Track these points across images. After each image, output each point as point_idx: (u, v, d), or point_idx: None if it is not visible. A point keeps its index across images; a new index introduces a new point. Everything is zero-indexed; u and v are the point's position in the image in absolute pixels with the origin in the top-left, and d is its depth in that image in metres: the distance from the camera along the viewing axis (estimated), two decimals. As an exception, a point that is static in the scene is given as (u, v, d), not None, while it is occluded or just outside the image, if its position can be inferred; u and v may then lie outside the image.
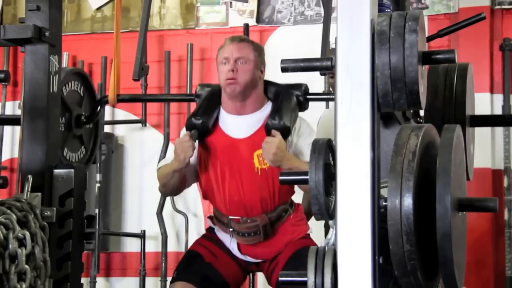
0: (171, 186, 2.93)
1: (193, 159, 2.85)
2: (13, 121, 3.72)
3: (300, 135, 2.88)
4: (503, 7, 4.63)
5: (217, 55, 2.92)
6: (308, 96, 2.96)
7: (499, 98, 4.55)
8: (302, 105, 2.95)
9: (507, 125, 4.17)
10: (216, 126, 2.90)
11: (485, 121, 2.72)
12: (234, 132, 2.87)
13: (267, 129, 2.79)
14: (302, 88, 2.95)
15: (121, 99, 3.22)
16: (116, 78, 3.12)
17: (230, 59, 2.84)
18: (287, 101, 2.88)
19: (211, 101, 2.95)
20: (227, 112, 2.91)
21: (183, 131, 2.95)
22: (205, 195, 2.96)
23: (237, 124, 2.88)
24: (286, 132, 2.79)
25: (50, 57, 2.50)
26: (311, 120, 3.03)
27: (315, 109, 4.61)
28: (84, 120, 3.06)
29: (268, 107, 2.90)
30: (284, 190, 2.86)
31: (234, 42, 2.89)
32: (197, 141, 2.86)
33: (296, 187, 2.94)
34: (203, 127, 2.87)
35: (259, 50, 2.93)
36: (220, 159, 2.85)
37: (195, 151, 2.83)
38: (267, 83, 2.97)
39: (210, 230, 3.02)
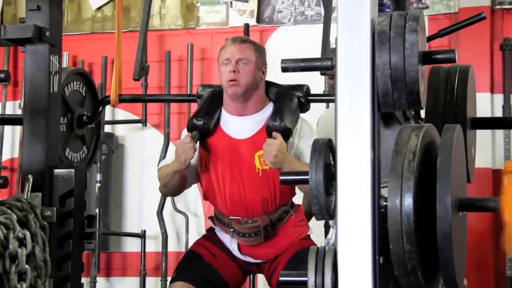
0: (172, 187, 2.93)
1: (194, 160, 2.85)
2: (14, 121, 3.72)
3: (301, 137, 2.88)
4: (503, 7, 4.63)
5: (219, 56, 2.92)
6: (309, 97, 2.96)
7: (499, 98, 4.55)
8: (304, 106, 2.95)
9: (508, 128, 4.17)
10: (217, 127, 2.89)
11: (486, 124, 2.71)
12: (236, 133, 2.87)
13: (268, 130, 2.79)
14: (303, 89, 2.95)
15: (123, 99, 3.22)
16: (117, 78, 3.12)
17: (232, 60, 2.84)
18: (288, 102, 2.88)
19: (212, 102, 2.95)
20: (229, 113, 2.91)
21: (185, 131, 2.95)
22: (206, 196, 2.96)
23: (238, 125, 2.88)
24: (287, 134, 2.79)
25: (51, 57, 2.50)
26: (311, 120, 3.03)
27: (315, 108, 4.61)
28: (86, 120, 3.07)
29: (269, 108, 2.90)
30: (285, 191, 2.86)
31: (235, 43, 2.89)
32: (198, 142, 2.86)
33: (297, 189, 2.94)
34: (204, 128, 2.87)
35: (260, 51, 2.93)
36: (221, 160, 2.85)
37: (196, 152, 2.83)
38: (269, 84, 2.97)
39: (210, 230, 3.02)
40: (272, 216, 2.85)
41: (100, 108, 3.17)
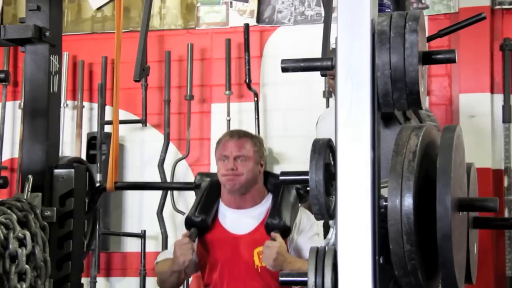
0: (170, 284, 2.91)
1: (193, 256, 2.84)
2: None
3: (301, 231, 2.87)
4: (503, 7, 4.63)
5: (216, 150, 2.92)
6: (308, 188, 2.93)
7: (499, 98, 4.55)
8: (303, 198, 2.93)
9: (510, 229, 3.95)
10: (215, 220, 2.89)
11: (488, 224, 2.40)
12: (234, 228, 2.87)
13: (267, 228, 2.77)
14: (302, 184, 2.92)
15: (119, 187, 3.21)
16: (113, 166, 3.06)
17: (230, 157, 2.84)
18: (287, 196, 2.86)
19: (210, 195, 2.94)
20: (226, 205, 2.91)
21: (182, 228, 2.92)
22: (206, 287, 2.95)
23: (236, 219, 2.88)
24: (286, 232, 2.78)
25: (51, 57, 2.50)
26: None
27: (316, 108, 4.62)
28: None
29: (268, 201, 2.89)
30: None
31: (233, 139, 2.88)
32: (196, 239, 2.86)
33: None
34: (202, 225, 2.86)
35: (258, 145, 2.92)
36: (220, 257, 2.85)
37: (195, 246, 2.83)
38: (267, 175, 2.96)
39: None
40: None
41: (97, 196, 3.13)
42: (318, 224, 3.16)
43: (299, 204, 2.93)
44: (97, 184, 2.99)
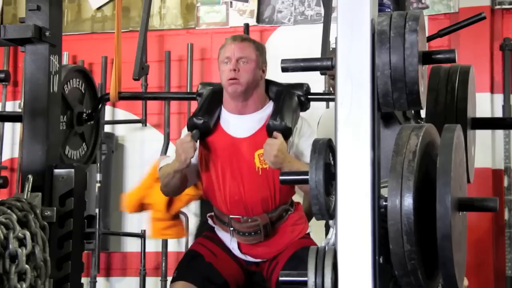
0: (173, 186, 2.93)
1: (194, 159, 2.85)
2: (14, 118, 3.72)
3: (301, 136, 2.88)
4: (503, 7, 4.63)
5: (219, 54, 2.91)
6: (309, 96, 2.96)
7: (499, 98, 4.55)
8: (304, 105, 2.95)
9: (508, 128, 4.17)
10: (217, 125, 2.90)
11: (486, 124, 2.69)
12: (236, 132, 2.87)
13: (268, 129, 2.79)
14: (303, 88, 2.95)
15: (123, 97, 3.22)
16: (117, 76, 3.12)
17: (232, 59, 2.84)
18: (288, 101, 2.88)
19: (212, 101, 2.95)
20: (229, 111, 2.91)
21: (185, 130, 2.95)
22: (206, 194, 2.96)
23: (238, 124, 2.88)
24: (287, 133, 2.79)
25: (51, 57, 2.50)
26: (311, 120, 3.03)
27: (316, 109, 4.61)
28: (86, 117, 3.06)
29: (269, 107, 2.90)
30: (285, 190, 2.86)
31: (235, 42, 2.89)
32: (198, 141, 2.86)
33: (296, 188, 2.94)
34: (204, 127, 2.87)
35: (260, 50, 2.93)
36: (221, 158, 2.85)
37: (196, 150, 2.83)
38: (269, 83, 2.97)
39: (210, 229, 3.02)
40: (272, 215, 2.85)
41: (100, 106, 3.17)
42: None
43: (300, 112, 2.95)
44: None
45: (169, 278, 2.98)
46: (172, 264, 4.46)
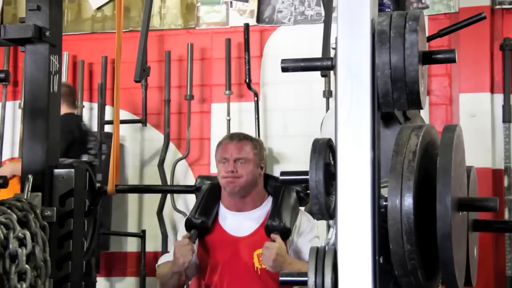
0: (171, 286, 2.91)
1: (193, 257, 2.84)
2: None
3: (301, 234, 2.86)
4: (504, 7, 4.63)
5: (216, 153, 2.92)
6: (308, 192, 2.93)
7: (499, 98, 4.56)
8: (303, 201, 2.94)
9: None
10: (215, 223, 2.89)
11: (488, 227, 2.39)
12: (234, 230, 2.87)
13: (267, 230, 2.77)
14: (302, 184, 2.93)
15: (120, 190, 3.21)
16: (114, 169, 3.07)
17: (230, 160, 2.84)
18: (287, 199, 2.86)
19: (210, 197, 2.94)
20: (227, 208, 2.90)
21: (182, 230, 2.93)
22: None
23: (236, 222, 2.88)
24: (286, 234, 2.78)
25: (51, 57, 2.50)
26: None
27: (316, 108, 4.62)
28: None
29: (268, 203, 2.89)
30: None
31: (233, 142, 2.88)
32: (197, 240, 2.86)
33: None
34: (202, 226, 2.86)
35: (258, 147, 2.92)
36: (220, 259, 2.85)
37: (195, 248, 2.83)
38: (267, 177, 2.96)
39: None
40: None
41: (98, 199, 3.13)
42: (318, 226, 3.16)
43: (299, 207, 2.93)
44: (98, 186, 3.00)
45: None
46: (172, 264, 4.46)
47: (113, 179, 3.10)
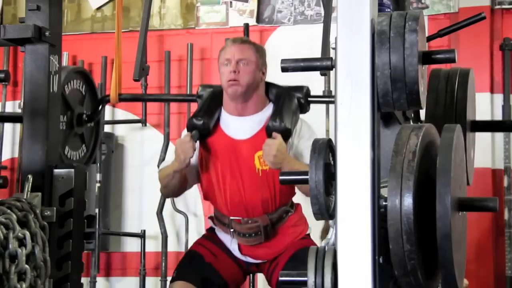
0: (172, 187, 2.93)
1: (194, 160, 2.85)
2: (14, 118, 3.73)
3: (301, 137, 2.88)
4: (503, 7, 4.63)
5: (219, 56, 2.92)
6: (309, 98, 2.96)
7: (499, 98, 4.55)
8: (303, 107, 2.95)
9: (507, 131, 4.16)
10: (217, 127, 2.89)
11: (485, 127, 2.69)
12: (235, 133, 2.87)
13: (268, 131, 2.79)
14: (303, 90, 2.95)
15: (123, 98, 3.22)
16: (117, 77, 3.12)
17: (232, 61, 2.84)
18: (288, 103, 2.88)
19: (212, 102, 2.95)
20: (228, 113, 2.91)
21: (184, 131, 2.95)
22: (206, 196, 2.96)
23: (238, 125, 2.88)
24: (286, 134, 2.79)
25: (50, 57, 2.50)
26: (311, 120, 3.03)
27: (317, 111, 4.61)
28: (86, 118, 3.07)
29: (269, 109, 2.90)
30: (285, 191, 2.86)
31: (236, 44, 2.89)
32: (198, 142, 2.86)
33: (296, 188, 2.94)
34: (204, 127, 2.87)
35: (260, 52, 2.93)
36: (221, 160, 2.85)
37: (196, 151, 2.83)
38: (269, 85, 2.97)
39: (210, 230, 3.02)
40: (272, 216, 2.85)
41: (100, 107, 3.17)
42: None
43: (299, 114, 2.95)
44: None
45: (169, 278, 2.98)
46: (172, 264, 4.46)
47: (116, 88, 3.12)
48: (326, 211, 1.61)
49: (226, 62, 2.85)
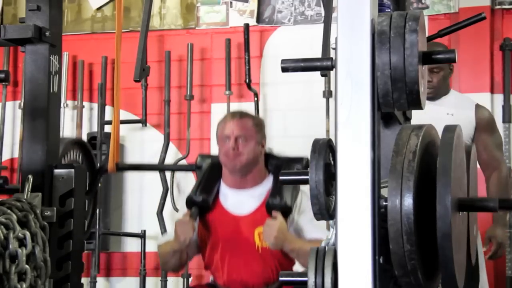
0: (172, 265, 2.93)
1: (194, 235, 2.84)
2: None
3: (301, 212, 2.86)
4: (503, 7, 4.63)
5: (217, 130, 2.91)
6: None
7: (499, 98, 4.55)
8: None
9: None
10: (216, 201, 2.89)
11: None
12: (235, 209, 2.87)
13: (268, 208, 2.78)
14: (303, 162, 2.93)
15: (121, 168, 3.21)
16: (115, 147, 3.07)
17: (231, 137, 2.84)
18: None
19: (211, 175, 2.94)
20: (228, 185, 2.90)
21: (183, 207, 2.93)
22: (207, 268, 2.96)
23: (237, 200, 2.88)
24: (287, 211, 2.78)
25: (51, 57, 2.50)
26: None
27: (316, 109, 4.62)
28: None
29: (269, 181, 2.89)
30: (285, 265, 2.85)
31: (234, 119, 2.88)
32: (197, 218, 2.86)
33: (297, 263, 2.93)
34: (203, 204, 2.86)
35: (259, 125, 2.92)
36: (221, 237, 2.85)
37: (196, 227, 2.83)
38: (268, 156, 2.96)
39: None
40: (273, 286, 2.85)
41: (98, 178, 3.13)
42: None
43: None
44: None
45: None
46: (172, 264, 4.46)
47: (113, 157, 3.10)
48: (326, 211, 1.61)
49: (225, 138, 2.85)
